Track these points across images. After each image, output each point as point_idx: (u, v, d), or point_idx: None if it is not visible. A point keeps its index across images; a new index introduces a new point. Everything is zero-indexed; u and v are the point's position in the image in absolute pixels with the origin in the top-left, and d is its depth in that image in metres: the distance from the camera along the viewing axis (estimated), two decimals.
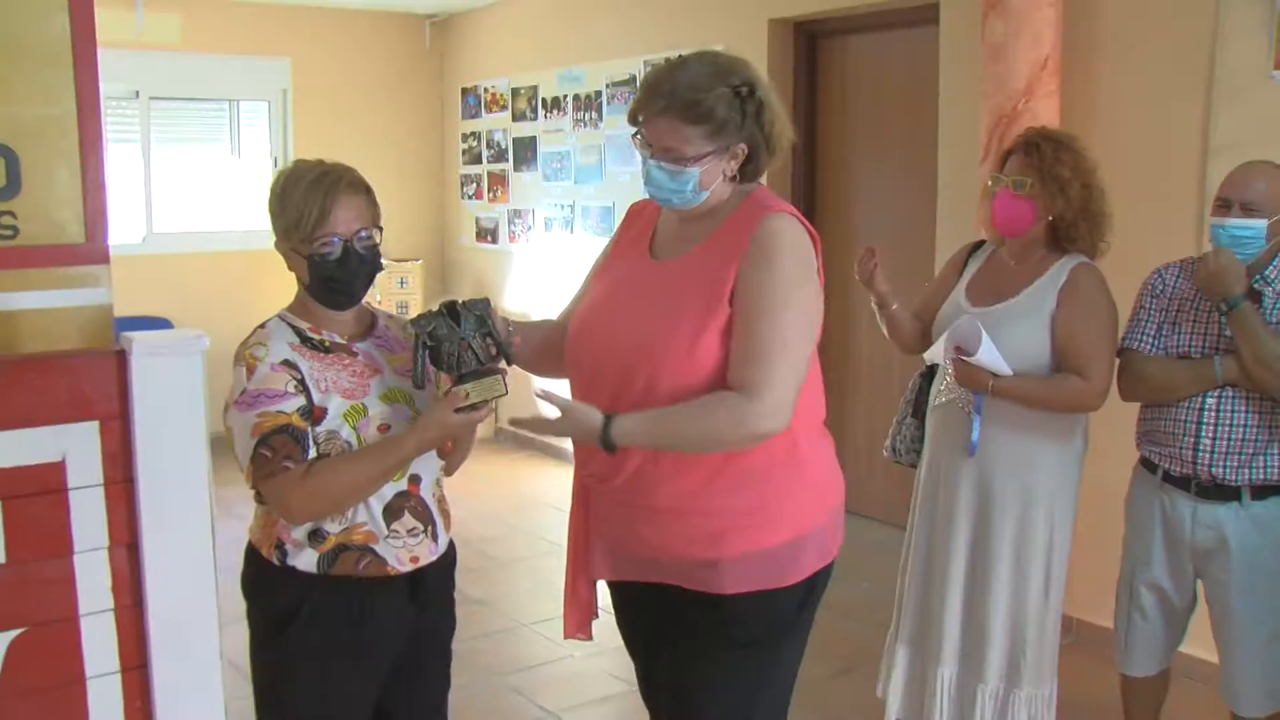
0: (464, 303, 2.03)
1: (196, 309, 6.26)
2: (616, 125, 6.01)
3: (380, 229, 2.11)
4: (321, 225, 2.03)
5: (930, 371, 3.05)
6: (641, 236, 2.20)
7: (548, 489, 6.04)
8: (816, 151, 5.42)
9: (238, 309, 6.59)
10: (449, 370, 2.01)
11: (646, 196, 2.18)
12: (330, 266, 2.05)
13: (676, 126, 1.98)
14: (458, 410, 1.99)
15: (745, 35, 5.26)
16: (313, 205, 2.02)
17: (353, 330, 2.16)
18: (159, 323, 6.18)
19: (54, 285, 2.18)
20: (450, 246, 7.50)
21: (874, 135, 5.17)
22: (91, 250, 2.22)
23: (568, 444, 2.29)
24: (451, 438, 2.09)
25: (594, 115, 6.17)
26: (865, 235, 5.27)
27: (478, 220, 7.24)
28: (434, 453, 2.14)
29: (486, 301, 2.06)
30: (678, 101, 1.97)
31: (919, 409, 3.04)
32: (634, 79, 5.87)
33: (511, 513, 5.55)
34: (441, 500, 2.21)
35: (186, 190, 6.82)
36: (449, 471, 2.26)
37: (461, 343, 1.98)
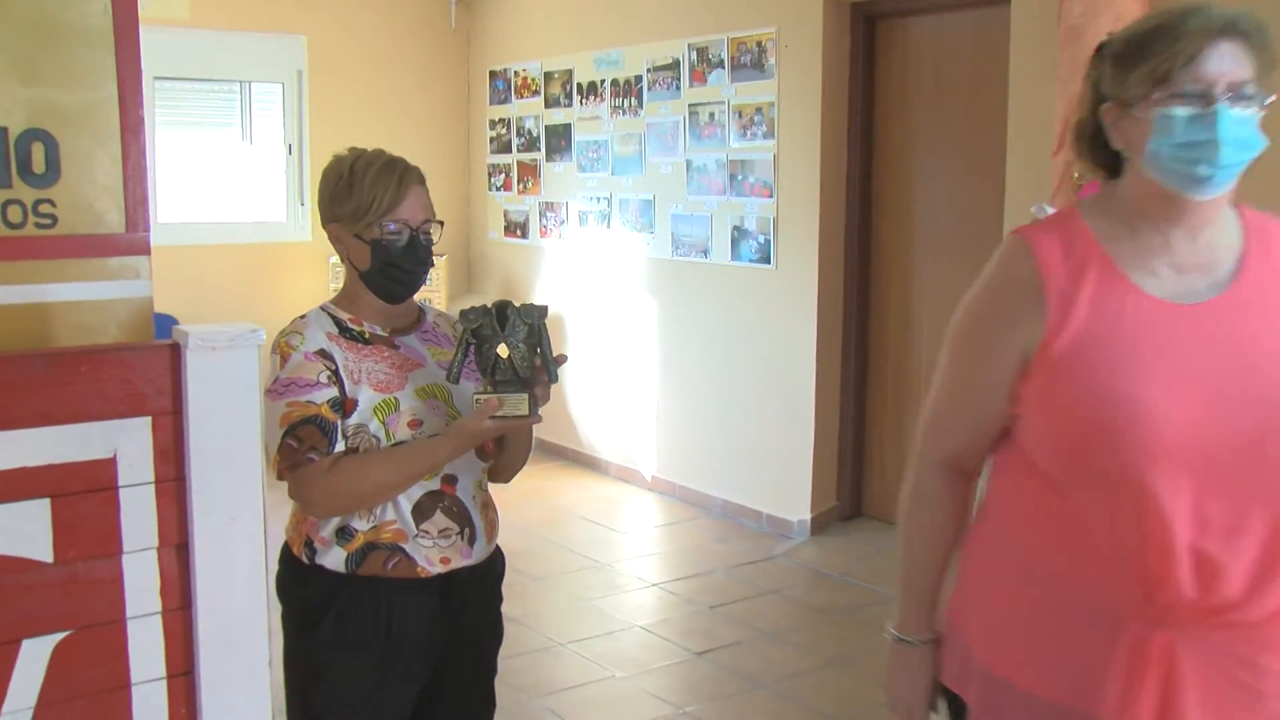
0: (518, 307, 2.11)
1: (204, 305, 6.36)
2: (657, 112, 6.09)
3: (441, 224, 2.23)
4: (392, 211, 2.15)
5: None
6: (1095, 293, 1.57)
7: (579, 500, 6.12)
8: (874, 143, 5.48)
9: (248, 305, 6.74)
10: (484, 374, 2.11)
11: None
12: (396, 253, 2.16)
13: (1241, 53, 1.52)
14: (492, 419, 2.08)
15: (800, 17, 5.34)
16: (385, 191, 2.14)
17: (397, 323, 2.26)
18: (164, 320, 6.29)
19: (93, 276, 2.27)
20: (476, 241, 7.59)
21: (936, 125, 5.23)
22: (132, 241, 2.31)
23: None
24: (480, 440, 2.17)
25: (633, 102, 6.25)
26: (925, 232, 5.32)
27: (506, 213, 7.33)
28: (473, 454, 2.23)
29: (543, 310, 2.13)
30: (1245, 21, 1.53)
31: None
32: (676, 63, 5.95)
33: (543, 526, 5.64)
34: (487, 506, 2.30)
35: (193, 178, 6.91)
36: (499, 477, 2.35)
37: (504, 348, 2.07)
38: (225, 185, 7.01)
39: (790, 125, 5.42)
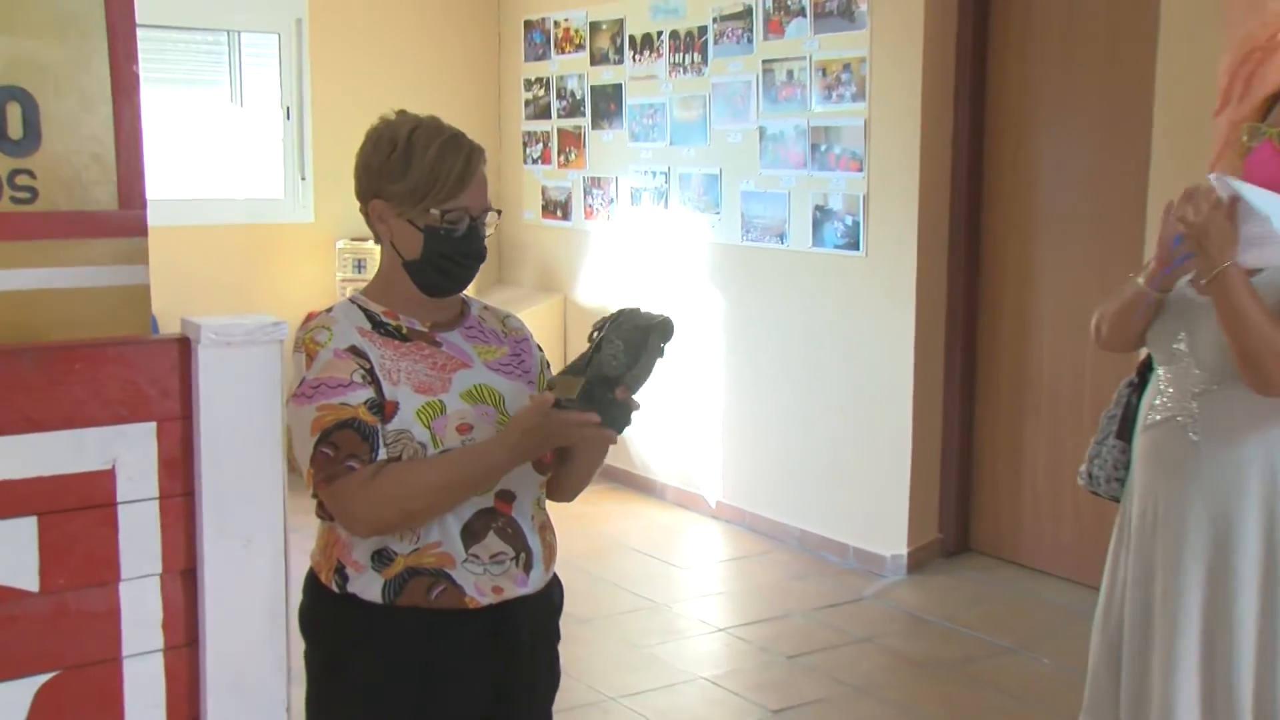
0: (644, 316, 2.17)
1: (188, 296, 6.40)
2: (725, 70, 6.12)
3: (498, 213, 2.29)
4: (456, 195, 2.20)
5: (1140, 382, 3.07)
6: None
7: (631, 530, 6.17)
8: (987, 105, 5.48)
9: (239, 300, 6.81)
10: (571, 369, 2.15)
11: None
12: (452, 243, 2.21)
13: None
14: (559, 406, 2.10)
15: None
16: (451, 170, 2.19)
17: (438, 318, 2.31)
18: None
19: (80, 261, 2.29)
20: (509, 223, 7.61)
21: (1065, 82, 5.21)
22: (126, 220, 2.33)
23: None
24: (545, 447, 2.20)
25: (696, 58, 6.28)
26: (1049, 213, 5.30)
27: (545, 190, 7.38)
28: (529, 468, 2.26)
29: (663, 326, 2.16)
30: None
31: (1125, 429, 3.06)
32: (748, 11, 5.97)
33: (589, 559, 5.68)
34: (544, 528, 2.34)
35: (174, 146, 6.91)
36: (561, 493, 2.39)
37: (603, 350, 2.13)
38: (211, 155, 7.03)
39: (885, 85, 5.42)
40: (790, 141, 5.81)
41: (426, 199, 2.20)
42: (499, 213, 2.30)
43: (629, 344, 2.15)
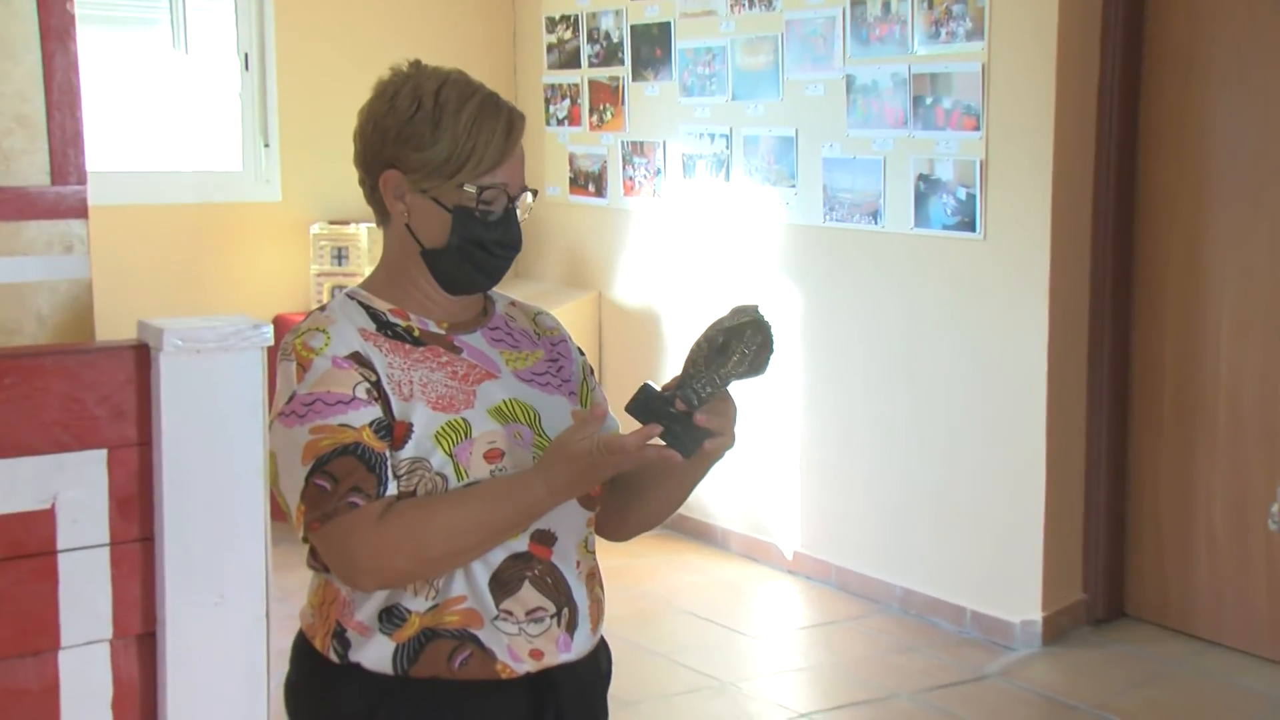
0: (737, 314, 2.21)
1: (128, 290, 6.45)
2: (802, 4, 6.14)
3: (534, 193, 2.34)
4: (496, 170, 2.24)
5: None
6: None
7: (686, 588, 6.19)
8: (1144, 44, 5.48)
9: (187, 298, 6.85)
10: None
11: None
12: (486, 227, 2.25)
13: None
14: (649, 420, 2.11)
15: None
16: (491, 139, 2.23)
17: (457, 317, 2.35)
18: None
19: (4, 249, 2.32)
20: None
21: (1250, 13, 5.17)
22: (61, 198, 2.36)
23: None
24: (595, 478, 2.20)
25: None
26: (1225, 182, 5.27)
27: (573, 158, 7.41)
28: (575, 504, 2.28)
29: (743, 330, 2.19)
30: None
31: None
32: None
33: (634, 625, 5.68)
34: (592, 577, 2.36)
35: (104, 106, 6.83)
36: (617, 530, 2.44)
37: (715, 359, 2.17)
38: (148, 116, 7.07)
39: (1009, 19, 5.41)
40: (886, 94, 5.80)
41: (461, 172, 2.23)
42: (535, 193, 2.34)
43: (711, 348, 2.18)
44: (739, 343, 2.17)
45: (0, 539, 1.94)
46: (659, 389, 2.18)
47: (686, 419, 2.15)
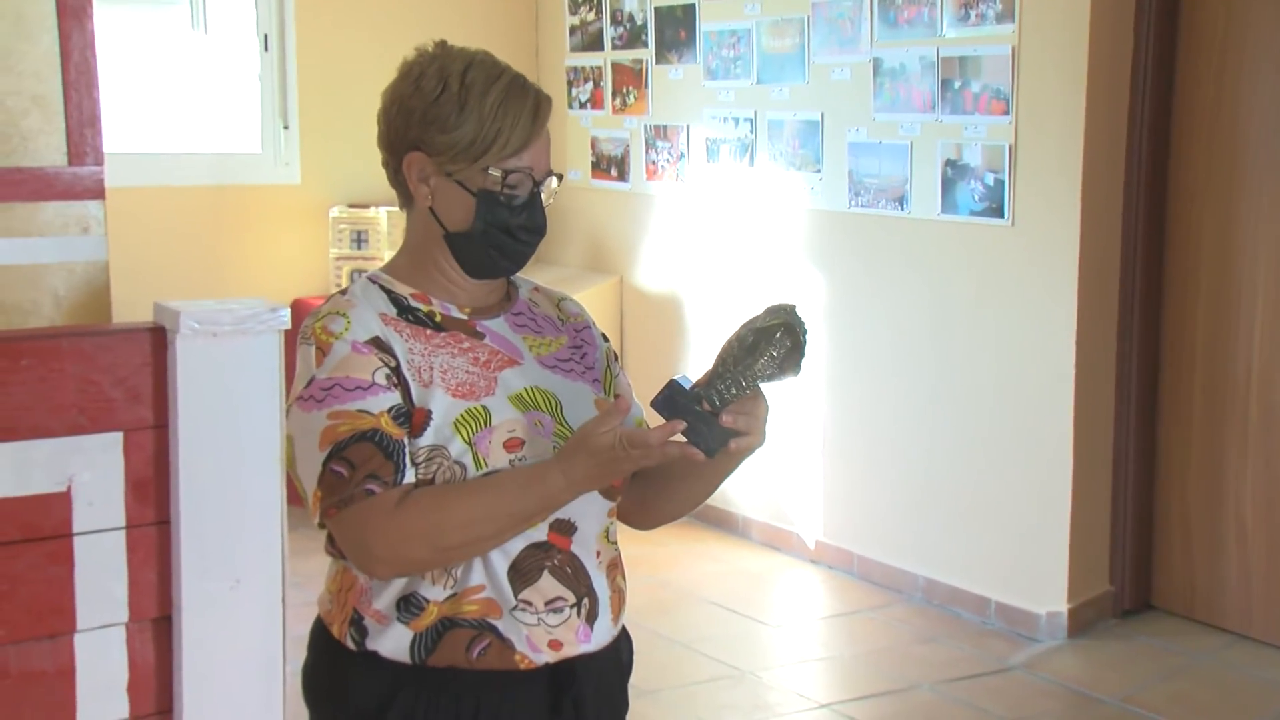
0: (769, 314, 2.20)
1: (145, 273, 6.47)
2: None
3: (560, 177, 2.36)
4: (522, 153, 2.25)
5: None
6: None
7: (707, 577, 6.18)
8: (1179, 26, 5.46)
9: (206, 274, 6.87)
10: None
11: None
12: (511, 211, 2.27)
13: None
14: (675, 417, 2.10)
15: None
16: (517, 121, 2.23)
17: (480, 302, 2.36)
18: None
19: (19, 230, 2.32)
20: None
21: (1275, 74, 5.19)
22: (78, 179, 2.36)
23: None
24: (616, 471, 2.20)
25: None
26: (1262, 166, 5.24)
27: (595, 142, 7.41)
28: (597, 494, 2.29)
29: (772, 331, 2.18)
30: None
31: None
32: None
33: (654, 614, 5.68)
34: (613, 567, 2.37)
35: (122, 86, 6.91)
36: (643, 518, 2.44)
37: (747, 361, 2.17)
38: (167, 96, 7.10)
39: (1040, 2, 5.40)
40: (914, 77, 5.79)
41: (487, 155, 2.23)
42: (560, 177, 2.35)
43: (741, 347, 2.18)
44: (767, 344, 2.17)
45: (16, 521, 1.94)
46: (689, 384, 2.18)
47: (711, 418, 2.15)
